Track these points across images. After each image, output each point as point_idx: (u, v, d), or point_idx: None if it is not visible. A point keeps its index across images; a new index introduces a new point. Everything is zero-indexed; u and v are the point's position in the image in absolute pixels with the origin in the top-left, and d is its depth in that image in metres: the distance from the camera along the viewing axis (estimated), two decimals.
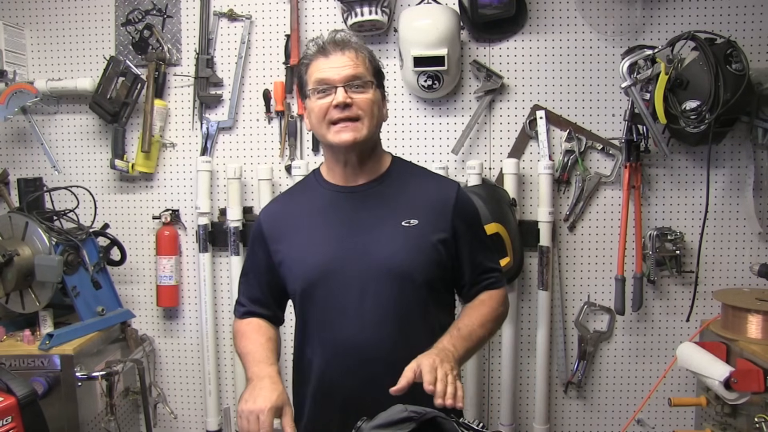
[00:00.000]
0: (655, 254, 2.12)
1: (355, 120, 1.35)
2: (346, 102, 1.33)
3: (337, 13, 2.20)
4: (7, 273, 1.91)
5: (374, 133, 1.41)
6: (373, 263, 1.36)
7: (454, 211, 1.42)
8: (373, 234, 1.38)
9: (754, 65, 2.01)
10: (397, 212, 1.40)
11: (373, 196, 1.42)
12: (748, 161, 2.11)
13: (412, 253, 1.37)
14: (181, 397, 2.39)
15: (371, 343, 1.34)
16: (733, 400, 1.67)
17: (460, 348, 1.29)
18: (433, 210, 1.41)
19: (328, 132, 1.36)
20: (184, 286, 2.35)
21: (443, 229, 1.40)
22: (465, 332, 1.34)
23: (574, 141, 2.16)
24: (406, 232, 1.38)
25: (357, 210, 1.41)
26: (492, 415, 2.28)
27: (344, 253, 1.38)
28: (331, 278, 1.38)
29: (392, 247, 1.37)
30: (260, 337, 1.45)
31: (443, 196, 1.43)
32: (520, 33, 2.18)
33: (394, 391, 1.15)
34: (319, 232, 1.42)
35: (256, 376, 1.32)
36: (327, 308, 1.39)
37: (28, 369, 1.89)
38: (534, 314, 2.22)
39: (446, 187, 1.47)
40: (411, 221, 1.38)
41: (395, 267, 1.36)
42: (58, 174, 2.33)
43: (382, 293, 1.36)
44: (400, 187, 1.44)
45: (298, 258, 1.42)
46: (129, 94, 2.23)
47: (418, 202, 1.42)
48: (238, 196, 2.23)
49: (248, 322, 1.51)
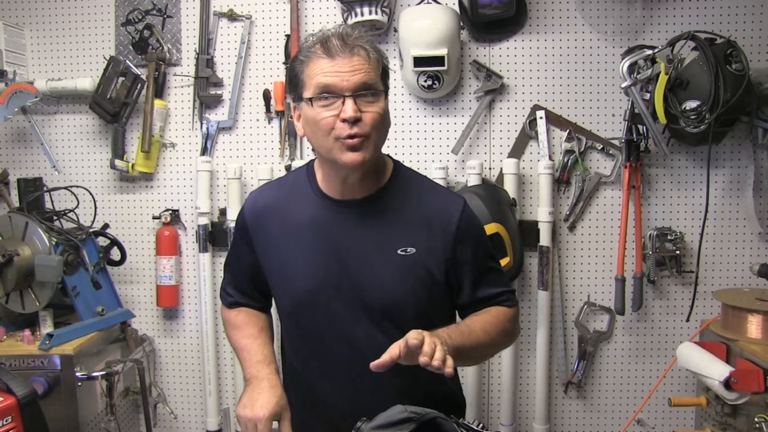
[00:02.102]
0: (655, 254, 2.12)
1: (363, 137, 1.19)
2: (356, 117, 1.17)
3: (337, 13, 2.20)
4: (7, 273, 1.91)
5: (381, 148, 1.28)
6: (366, 299, 1.27)
7: (457, 233, 1.29)
8: (367, 261, 1.28)
9: (754, 65, 2.01)
10: (393, 237, 1.28)
11: (370, 215, 1.30)
12: (748, 161, 2.11)
13: (407, 285, 1.27)
14: (181, 397, 2.39)
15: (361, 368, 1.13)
16: (733, 400, 1.67)
17: (455, 338, 1.17)
18: (433, 233, 1.29)
19: (335, 147, 1.20)
20: (184, 286, 2.35)
21: (444, 259, 1.29)
22: (463, 328, 1.25)
23: (574, 141, 2.16)
24: (402, 262, 1.27)
25: (351, 230, 1.29)
26: (492, 415, 2.28)
27: (335, 282, 1.28)
28: (319, 307, 1.30)
29: (386, 278, 1.27)
30: (252, 329, 1.41)
31: (446, 216, 1.30)
32: (520, 33, 2.18)
33: (374, 366, 1.06)
34: (309, 251, 1.31)
35: (254, 378, 1.30)
36: (315, 334, 1.32)
37: (28, 369, 1.89)
38: (534, 314, 2.22)
39: (450, 204, 1.33)
40: (408, 249, 1.27)
41: (389, 304, 1.27)
42: (58, 174, 2.33)
43: (371, 324, 1.28)
44: (399, 205, 1.31)
45: (286, 276, 1.34)
46: (129, 94, 2.23)
47: (418, 223, 1.29)
48: (238, 196, 2.23)
49: (238, 312, 1.46)
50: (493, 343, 1.31)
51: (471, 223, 1.34)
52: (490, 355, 1.53)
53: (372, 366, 1.07)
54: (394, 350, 1.07)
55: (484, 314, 1.32)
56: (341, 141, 1.19)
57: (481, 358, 1.45)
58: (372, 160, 1.24)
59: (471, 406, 2.19)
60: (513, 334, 1.39)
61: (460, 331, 1.23)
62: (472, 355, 1.27)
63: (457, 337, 1.19)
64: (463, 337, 1.21)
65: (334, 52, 1.19)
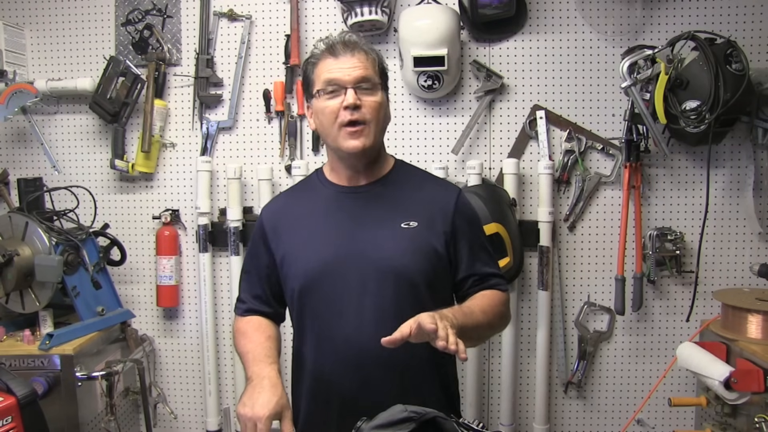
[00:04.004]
0: (655, 254, 2.12)
1: (362, 124, 1.35)
2: (356, 104, 1.34)
3: (337, 13, 2.20)
4: (7, 273, 1.91)
5: (380, 138, 1.43)
6: (373, 263, 1.37)
7: (454, 214, 1.43)
8: (373, 234, 1.39)
9: (754, 65, 2.01)
10: (396, 214, 1.41)
11: (374, 197, 1.44)
12: (748, 161, 2.11)
13: (411, 254, 1.37)
14: (181, 397, 2.39)
15: (369, 343, 1.30)
16: (733, 400, 1.67)
17: (459, 319, 1.25)
18: (432, 212, 1.42)
19: (339, 135, 1.36)
20: (184, 286, 2.35)
21: (442, 231, 1.41)
22: (465, 310, 1.33)
23: (574, 141, 2.16)
24: (405, 233, 1.39)
25: (358, 210, 1.43)
26: (492, 415, 2.28)
27: (344, 253, 1.38)
28: (330, 277, 1.38)
29: (392, 248, 1.38)
30: (260, 336, 1.44)
31: (443, 200, 1.45)
32: (520, 33, 2.18)
33: (385, 342, 1.12)
34: (319, 231, 1.43)
35: (255, 376, 1.31)
36: (325, 307, 1.39)
37: (28, 369, 1.89)
38: (534, 314, 2.22)
39: (447, 191, 1.48)
40: (410, 223, 1.39)
41: (394, 268, 1.36)
42: (58, 174, 2.33)
43: (380, 293, 1.36)
44: (401, 190, 1.45)
45: (298, 256, 1.43)
46: (129, 94, 2.23)
47: (418, 204, 1.43)
48: (238, 196, 2.23)
49: (249, 320, 1.50)
50: (490, 325, 1.40)
51: (467, 207, 1.48)
52: (486, 336, 1.65)
53: (383, 342, 1.12)
54: (405, 329, 1.13)
55: (481, 297, 1.41)
56: (344, 128, 1.35)
57: (479, 340, 1.51)
58: (373, 147, 1.39)
59: (471, 406, 2.19)
60: (506, 318, 1.48)
61: (463, 312, 1.30)
62: (472, 336, 1.32)
63: (461, 318, 1.25)
64: (466, 317, 1.28)
65: (339, 53, 1.38)
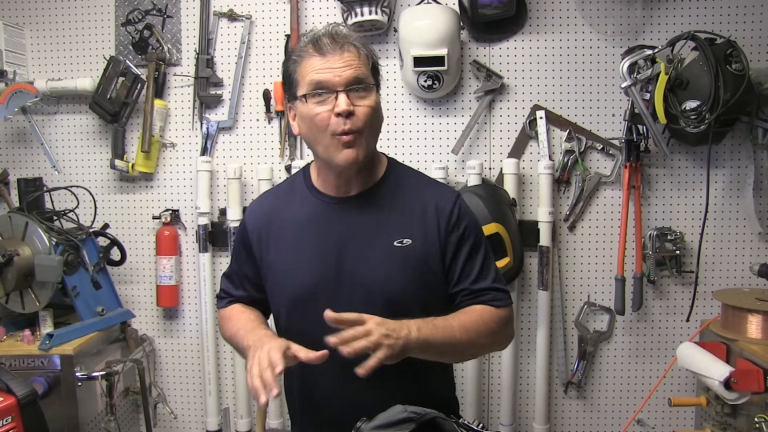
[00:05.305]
0: (655, 254, 2.12)
1: (356, 132, 1.23)
2: (349, 110, 1.20)
3: (337, 13, 2.20)
4: (7, 273, 1.91)
5: (375, 144, 1.32)
6: (363, 287, 1.28)
7: (450, 218, 1.32)
8: (363, 254, 1.29)
9: (754, 65, 2.01)
10: (389, 229, 1.30)
11: (365, 209, 1.32)
12: (748, 161, 2.11)
13: (404, 275, 1.28)
14: (181, 397, 2.40)
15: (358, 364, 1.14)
16: (733, 400, 1.67)
17: (424, 331, 1.16)
18: (427, 223, 1.31)
19: (331, 145, 1.24)
20: (184, 286, 2.35)
21: (438, 243, 1.31)
22: (438, 323, 1.21)
23: (574, 141, 2.16)
24: (398, 253, 1.28)
25: (348, 225, 1.31)
26: (492, 415, 2.28)
27: (333, 272, 1.29)
28: (319, 299, 1.27)
29: (383, 270, 1.28)
30: (249, 314, 1.39)
31: (441, 204, 1.33)
32: (520, 33, 2.18)
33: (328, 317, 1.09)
34: (307, 247, 1.32)
35: (254, 340, 1.22)
36: (312, 328, 1.23)
37: (28, 369, 1.89)
38: (534, 314, 2.22)
39: (444, 196, 1.35)
40: (404, 241, 1.29)
41: (384, 292, 1.27)
42: (58, 174, 2.33)
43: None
44: (394, 198, 1.33)
45: (285, 273, 1.34)
46: (129, 94, 2.23)
47: (413, 215, 1.32)
48: (238, 196, 2.23)
49: (232, 307, 1.45)
50: (472, 343, 1.27)
51: (464, 214, 1.35)
52: (471, 354, 1.49)
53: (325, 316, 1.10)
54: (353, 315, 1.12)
55: (468, 312, 1.30)
56: (337, 138, 1.22)
57: (459, 356, 1.39)
58: (366, 157, 1.27)
59: (471, 406, 2.19)
60: (500, 335, 1.34)
61: (434, 325, 1.20)
62: (446, 351, 1.25)
63: (427, 330, 1.17)
64: (436, 330, 1.19)
65: (325, 50, 1.23)
